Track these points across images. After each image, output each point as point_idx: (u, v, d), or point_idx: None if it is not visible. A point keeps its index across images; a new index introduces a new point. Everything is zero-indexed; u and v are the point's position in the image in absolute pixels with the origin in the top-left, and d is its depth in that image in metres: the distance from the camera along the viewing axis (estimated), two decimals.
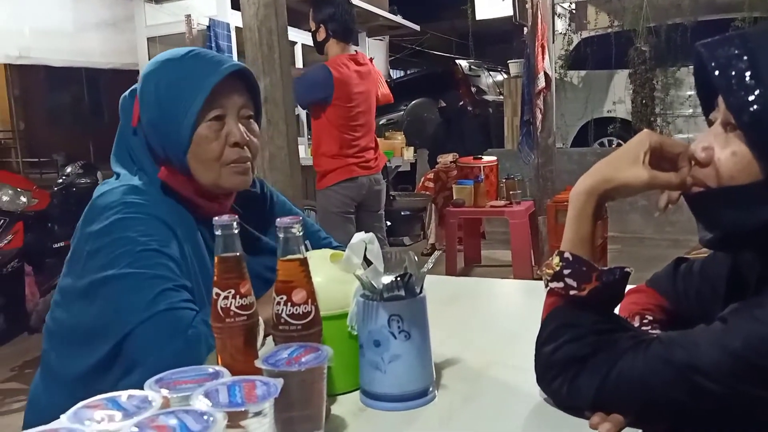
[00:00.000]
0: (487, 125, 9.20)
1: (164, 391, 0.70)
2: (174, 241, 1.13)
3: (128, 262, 1.06)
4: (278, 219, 0.87)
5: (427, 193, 6.06)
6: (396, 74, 12.55)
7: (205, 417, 0.62)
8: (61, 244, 3.96)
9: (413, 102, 9.31)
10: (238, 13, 3.75)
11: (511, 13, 5.38)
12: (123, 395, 0.68)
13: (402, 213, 5.73)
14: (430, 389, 0.92)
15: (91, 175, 4.36)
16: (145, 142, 1.20)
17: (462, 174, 5.20)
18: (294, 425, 0.77)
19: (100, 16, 3.37)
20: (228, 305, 0.86)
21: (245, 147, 1.19)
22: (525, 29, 5.38)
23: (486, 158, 5.33)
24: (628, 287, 0.93)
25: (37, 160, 12.45)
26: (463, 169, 5.25)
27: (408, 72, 13.48)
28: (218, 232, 0.87)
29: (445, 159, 6.03)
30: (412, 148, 6.30)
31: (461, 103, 7.92)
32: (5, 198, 3.61)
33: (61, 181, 4.29)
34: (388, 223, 4.82)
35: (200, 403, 0.66)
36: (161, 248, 1.10)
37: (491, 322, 1.32)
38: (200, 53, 1.20)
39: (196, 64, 1.16)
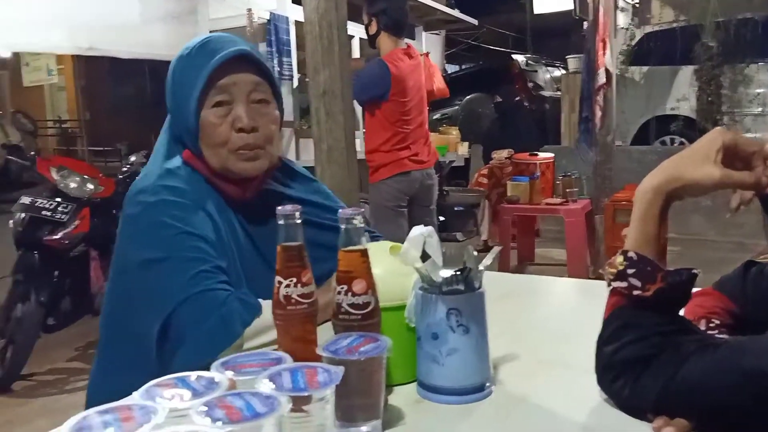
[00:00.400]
0: (543, 121, 9.04)
1: (230, 374, 0.72)
2: (208, 222, 1.16)
3: (164, 247, 1.10)
4: (340, 210, 0.89)
5: (481, 188, 6.01)
6: (451, 69, 12.46)
7: (270, 400, 0.63)
8: None
9: (468, 97, 9.23)
10: (298, 7, 3.80)
11: (570, 7, 5.27)
12: (192, 375, 0.71)
13: (455, 208, 5.70)
14: (487, 384, 0.92)
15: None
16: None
17: (517, 170, 5.14)
18: (353, 413, 0.79)
19: (165, 10, 3.46)
20: (290, 293, 0.88)
21: (253, 132, 1.17)
22: (585, 24, 5.27)
23: (542, 155, 5.25)
24: (694, 290, 0.90)
25: (101, 149, 12.92)
26: (518, 165, 5.19)
27: (463, 67, 13.38)
28: (281, 222, 0.89)
29: (500, 155, 5.96)
30: (466, 144, 6.26)
31: (517, 99, 7.81)
32: (73, 185, 3.76)
33: (125, 169, 4.44)
34: (441, 219, 4.81)
35: (264, 386, 0.67)
36: (195, 230, 1.12)
37: (546, 320, 1.30)
38: (209, 41, 1.21)
39: (200, 53, 1.18)
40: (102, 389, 1.28)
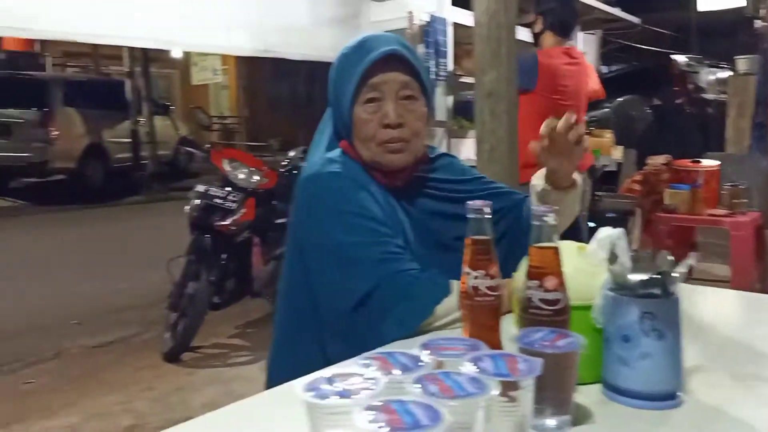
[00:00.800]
0: (705, 126, 8.40)
1: (427, 354, 0.77)
2: (375, 203, 1.22)
3: (346, 230, 1.17)
4: (533, 207, 0.91)
5: (633, 195, 5.71)
6: (604, 69, 11.92)
7: (478, 382, 0.67)
8: (283, 220, 4.39)
9: (620, 99, 8.78)
10: (458, 9, 3.85)
11: (740, 4, 4.85)
12: (397, 353, 0.76)
13: (607, 215, 5.47)
14: (678, 393, 0.89)
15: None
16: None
17: (676, 178, 4.83)
18: (544, 406, 0.80)
19: (332, 13, 3.65)
20: (478, 285, 0.92)
21: (399, 127, 1.24)
22: (758, 22, 4.83)
23: (706, 162, 4.89)
24: None
25: (256, 143, 13.81)
26: (678, 172, 4.87)
27: (614, 67, 12.75)
28: (471, 216, 0.93)
29: (656, 161, 5.62)
30: (621, 147, 5.97)
31: (677, 102, 7.32)
32: (241, 176, 4.08)
33: (285, 163, 4.74)
34: (591, 224, 4.64)
35: (468, 368, 0.71)
36: (371, 212, 1.19)
37: (731, 332, 1.23)
38: (365, 41, 1.27)
39: (356, 52, 1.25)
40: (281, 362, 1.39)
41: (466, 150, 4.13)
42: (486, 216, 0.93)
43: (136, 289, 4.89)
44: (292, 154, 4.83)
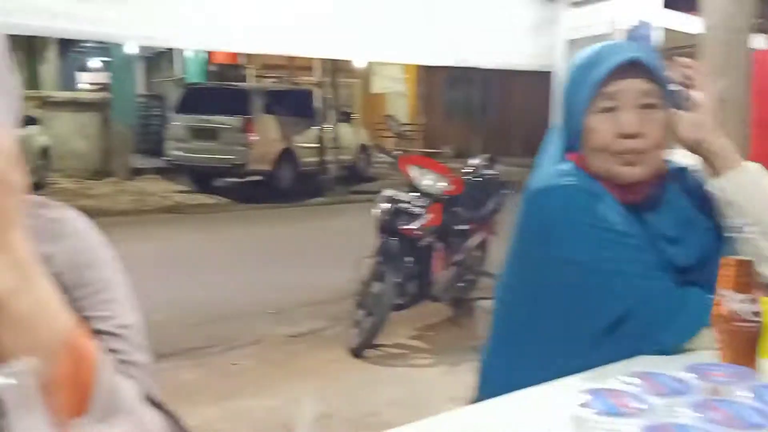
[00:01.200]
0: None
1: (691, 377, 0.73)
2: (619, 218, 1.17)
3: (596, 246, 1.13)
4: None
5: None
6: None
7: (763, 413, 0.62)
8: (465, 226, 4.44)
9: None
10: (668, 12, 3.62)
11: None
12: (661, 374, 0.73)
13: None
14: None
15: (493, 167, 4.78)
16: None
17: None
18: None
19: (527, 20, 3.61)
20: (741, 309, 0.86)
21: (638, 137, 1.16)
22: None
23: None
24: None
25: (430, 150, 14.05)
26: None
27: None
28: (733, 235, 0.88)
29: None
30: None
31: None
32: (428, 182, 4.19)
33: (467, 171, 4.80)
34: None
35: (746, 397, 0.67)
36: (618, 228, 1.14)
37: None
38: (600, 49, 1.22)
39: (591, 61, 1.20)
40: (496, 370, 1.39)
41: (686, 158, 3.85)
42: (748, 236, 0.87)
43: (324, 285, 5.20)
44: (475, 161, 4.87)
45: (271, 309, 4.70)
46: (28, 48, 13.17)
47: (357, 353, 3.87)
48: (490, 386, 1.37)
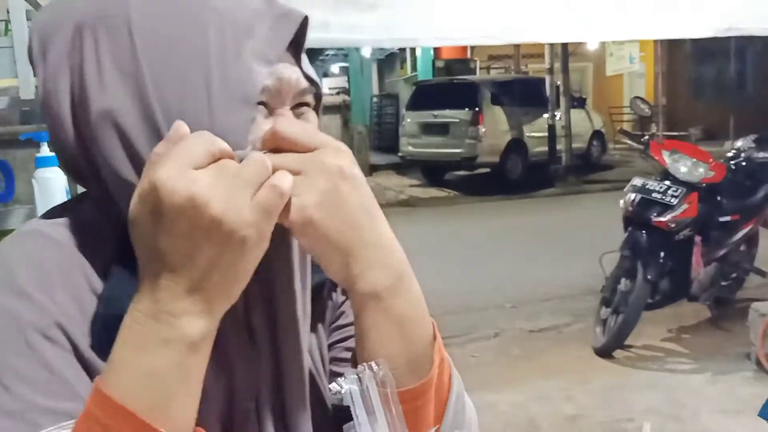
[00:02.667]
0: None
1: None
2: None
3: None
4: None
5: None
6: None
7: None
8: (728, 218, 3.92)
9: None
10: None
11: None
12: None
13: None
14: None
15: (764, 149, 4.15)
16: None
17: None
18: None
19: None
20: None
21: None
22: None
23: None
24: None
25: (673, 134, 12.81)
26: None
27: None
28: None
29: None
30: None
31: None
32: (684, 169, 3.77)
33: (731, 155, 4.23)
34: None
35: None
36: None
37: None
38: None
39: None
40: None
41: None
42: None
43: (563, 279, 5.01)
44: (739, 144, 4.28)
45: (510, 303, 4.65)
46: None
47: (603, 353, 3.64)
48: None
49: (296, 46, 0.54)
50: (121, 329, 0.44)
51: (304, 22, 0.54)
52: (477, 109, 10.42)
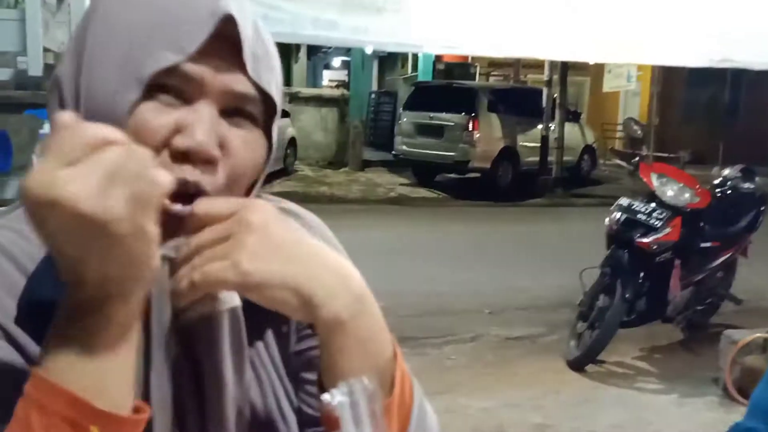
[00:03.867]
0: None
1: None
2: None
3: None
4: None
5: None
6: None
7: None
8: (709, 244, 4.00)
9: None
10: None
11: None
12: None
13: None
14: None
15: (750, 180, 4.23)
16: None
17: None
18: None
19: None
20: None
21: None
22: None
23: None
24: None
25: (662, 155, 12.94)
26: None
27: None
28: None
29: None
30: None
31: None
32: (670, 192, 3.84)
33: (717, 182, 4.31)
34: None
35: None
36: None
37: None
38: None
39: None
40: None
41: None
42: None
43: (542, 289, 5.07)
44: (726, 172, 4.36)
45: (488, 308, 4.71)
46: (285, 48, 14.77)
47: (576, 366, 3.71)
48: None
49: (237, 49, 0.52)
50: (53, 318, 0.45)
51: (234, 24, 0.51)
52: (473, 114, 10.48)
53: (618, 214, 3.86)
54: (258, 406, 0.59)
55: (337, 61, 23.07)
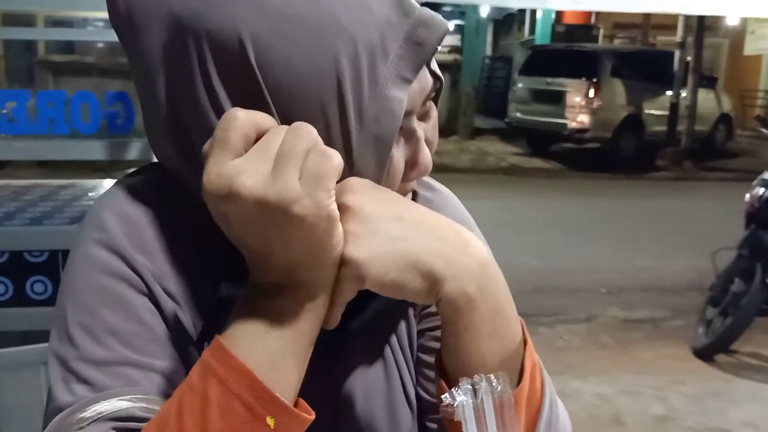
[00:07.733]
0: None
1: None
2: None
3: None
4: None
5: None
6: None
7: None
8: None
9: None
10: None
11: None
12: None
13: None
14: None
15: None
16: None
17: None
18: None
19: None
20: None
21: None
22: None
23: None
24: None
25: None
26: None
27: None
28: None
29: None
30: None
31: None
32: None
33: None
34: None
35: None
36: None
37: None
38: None
39: None
40: None
41: None
42: None
43: (665, 270, 4.72)
44: None
45: (605, 288, 4.44)
46: None
47: (704, 355, 3.41)
48: None
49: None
50: (241, 298, 0.46)
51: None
52: (595, 79, 9.86)
53: (761, 190, 3.46)
54: (382, 390, 0.57)
55: (450, 25, 22.65)
